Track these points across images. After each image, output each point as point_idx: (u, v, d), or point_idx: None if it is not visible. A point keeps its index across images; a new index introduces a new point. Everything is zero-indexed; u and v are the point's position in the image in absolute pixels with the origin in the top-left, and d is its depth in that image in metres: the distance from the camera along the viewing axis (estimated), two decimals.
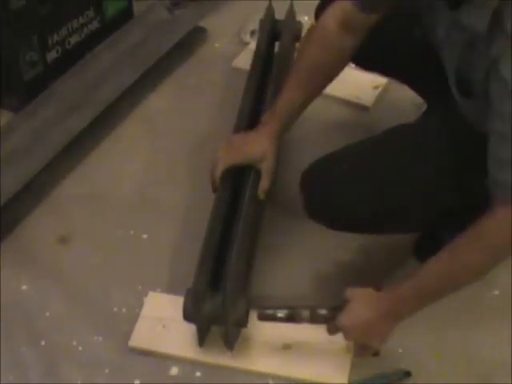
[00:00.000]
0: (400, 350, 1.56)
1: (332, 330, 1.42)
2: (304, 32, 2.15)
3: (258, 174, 1.58)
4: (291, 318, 1.44)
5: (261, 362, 1.51)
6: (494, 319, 1.63)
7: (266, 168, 1.57)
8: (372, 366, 1.52)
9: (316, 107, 1.62)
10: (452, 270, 1.31)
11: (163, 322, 1.58)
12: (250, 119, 1.79)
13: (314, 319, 1.44)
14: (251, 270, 1.69)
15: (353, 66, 1.91)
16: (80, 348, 1.56)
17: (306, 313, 1.44)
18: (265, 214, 1.82)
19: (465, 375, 1.52)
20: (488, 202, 1.27)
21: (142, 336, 1.56)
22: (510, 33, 1.16)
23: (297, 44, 2.20)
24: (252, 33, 2.48)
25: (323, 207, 1.48)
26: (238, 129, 1.76)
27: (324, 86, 1.61)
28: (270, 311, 1.45)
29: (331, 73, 1.58)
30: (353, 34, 1.51)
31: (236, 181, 1.64)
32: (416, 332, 1.58)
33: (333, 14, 1.52)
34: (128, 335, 1.56)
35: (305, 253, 1.77)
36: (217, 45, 2.52)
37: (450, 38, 1.36)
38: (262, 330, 1.53)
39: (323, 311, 1.43)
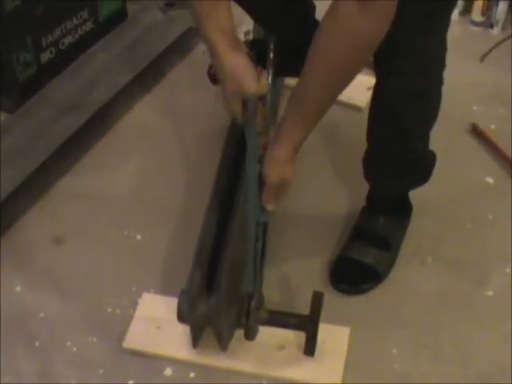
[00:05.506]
0: (394, 351, 1.56)
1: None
2: None
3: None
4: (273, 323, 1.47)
5: (255, 363, 1.51)
6: (488, 320, 1.63)
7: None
8: (367, 367, 1.52)
9: None
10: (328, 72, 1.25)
11: (157, 323, 1.58)
12: None
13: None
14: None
15: None
16: (74, 349, 1.56)
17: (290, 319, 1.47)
18: None
19: (460, 376, 1.52)
20: None
21: (136, 337, 1.56)
22: None
23: None
24: (246, 33, 2.48)
25: None
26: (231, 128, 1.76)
27: None
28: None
29: None
30: None
31: (232, 179, 1.64)
32: (410, 332, 1.59)
33: None
34: (122, 336, 1.56)
35: (300, 253, 1.78)
36: None
37: None
38: None
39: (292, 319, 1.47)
